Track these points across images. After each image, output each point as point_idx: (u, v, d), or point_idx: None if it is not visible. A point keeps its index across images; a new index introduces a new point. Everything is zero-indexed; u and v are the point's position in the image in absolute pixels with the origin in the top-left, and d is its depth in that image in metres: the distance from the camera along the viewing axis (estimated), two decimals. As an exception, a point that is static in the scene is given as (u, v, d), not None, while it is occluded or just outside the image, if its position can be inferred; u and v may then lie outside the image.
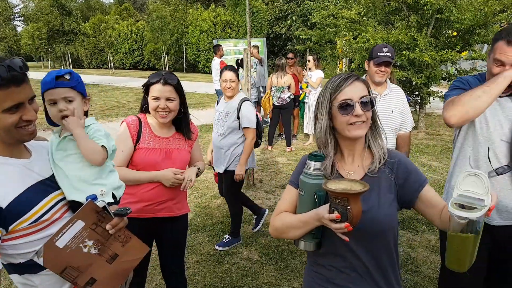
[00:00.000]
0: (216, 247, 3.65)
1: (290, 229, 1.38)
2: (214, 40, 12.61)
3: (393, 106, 2.86)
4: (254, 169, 5.54)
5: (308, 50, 10.93)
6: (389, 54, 2.75)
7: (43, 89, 1.38)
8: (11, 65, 1.13)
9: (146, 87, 2.11)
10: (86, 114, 1.50)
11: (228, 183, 3.61)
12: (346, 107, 1.33)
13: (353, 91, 1.33)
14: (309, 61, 7.11)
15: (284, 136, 7.35)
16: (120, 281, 1.44)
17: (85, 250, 1.31)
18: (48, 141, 1.48)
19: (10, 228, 1.17)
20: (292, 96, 6.92)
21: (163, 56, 25.79)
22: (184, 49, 27.49)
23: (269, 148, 7.24)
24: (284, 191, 1.51)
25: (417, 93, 8.65)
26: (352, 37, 8.76)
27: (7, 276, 1.30)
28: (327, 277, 1.43)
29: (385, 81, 2.89)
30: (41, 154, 1.38)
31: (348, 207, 1.17)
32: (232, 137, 3.48)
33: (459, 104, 1.85)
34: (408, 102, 3.04)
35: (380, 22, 8.95)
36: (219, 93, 8.75)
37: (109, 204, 1.39)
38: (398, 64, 8.10)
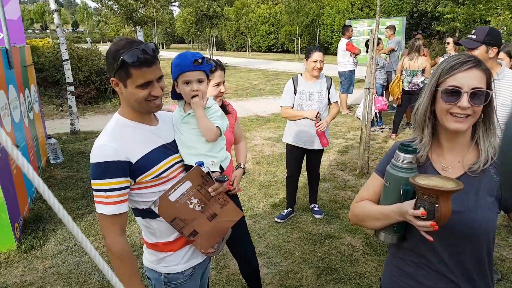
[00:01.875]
0: (316, 216, 4.02)
1: (369, 219, 1.36)
2: (347, 21, 12.22)
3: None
4: (370, 157, 5.37)
5: (458, 30, 9.75)
6: (473, 37, 2.63)
7: (181, 70, 1.56)
8: (145, 49, 1.37)
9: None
10: None
11: (319, 158, 3.91)
12: (452, 94, 1.19)
13: (466, 79, 1.17)
14: (448, 43, 6.40)
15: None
16: (217, 237, 1.67)
17: (191, 206, 1.56)
18: (172, 112, 1.77)
19: (137, 179, 1.46)
20: (426, 81, 6.35)
21: (297, 39, 26.16)
22: (318, 30, 27.34)
23: (393, 136, 6.85)
24: (369, 178, 1.47)
25: None
26: (510, 16, 7.48)
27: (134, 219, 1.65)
28: (406, 272, 1.37)
29: (500, 65, 2.66)
30: (166, 123, 1.65)
31: (436, 205, 1.09)
32: (325, 114, 3.65)
33: None
34: None
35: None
36: (341, 75, 8.56)
37: (213, 171, 1.62)
38: None
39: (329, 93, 3.65)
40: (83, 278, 3.10)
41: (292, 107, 3.67)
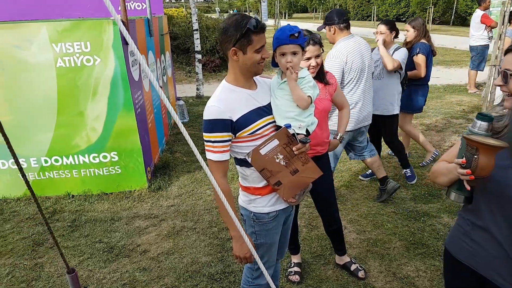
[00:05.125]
0: (409, 182, 4.17)
1: (439, 175, 1.51)
2: (491, -13, 10.63)
3: None
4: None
5: None
6: None
7: (278, 43, 1.76)
8: (257, 19, 1.66)
9: None
10: None
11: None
12: (502, 73, 1.36)
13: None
14: None
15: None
16: (298, 189, 1.91)
17: (277, 160, 1.82)
18: (270, 79, 2.01)
19: (237, 135, 1.77)
20: None
21: (430, 7, 23.64)
22: (456, -2, 24.25)
23: None
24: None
25: None
26: None
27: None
28: (465, 230, 1.51)
29: None
30: (263, 88, 1.91)
31: (475, 156, 1.23)
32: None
33: None
34: None
35: None
36: (472, 49, 7.66)
37: (298, 134, 1.83)
38: None
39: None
40: (196, 217, 3.70)
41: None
